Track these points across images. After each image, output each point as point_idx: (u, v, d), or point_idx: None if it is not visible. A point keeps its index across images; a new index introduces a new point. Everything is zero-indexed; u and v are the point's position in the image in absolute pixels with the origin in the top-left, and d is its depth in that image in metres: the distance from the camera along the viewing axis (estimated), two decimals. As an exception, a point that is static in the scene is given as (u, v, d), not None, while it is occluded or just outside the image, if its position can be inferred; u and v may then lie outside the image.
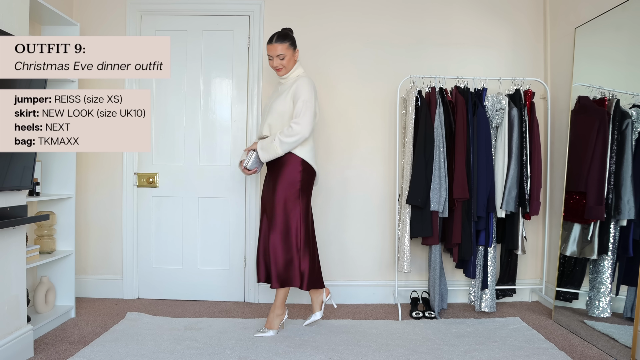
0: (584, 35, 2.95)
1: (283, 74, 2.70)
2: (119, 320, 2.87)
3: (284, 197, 2.61)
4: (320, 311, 2.73)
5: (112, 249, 3.42)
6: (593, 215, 2.72)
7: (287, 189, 2.61)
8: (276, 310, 2.66)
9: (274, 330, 2.65)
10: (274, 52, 2.64)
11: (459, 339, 2.61)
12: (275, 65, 2.67)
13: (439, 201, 2.94)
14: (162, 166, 3.41)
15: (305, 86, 2.62)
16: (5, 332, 2.20)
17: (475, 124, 3.00)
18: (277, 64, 2.65)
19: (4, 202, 2.16)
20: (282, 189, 2.61)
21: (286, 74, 2.70)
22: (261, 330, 2.66)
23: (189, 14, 3.39)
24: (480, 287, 3.08)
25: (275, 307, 2.66)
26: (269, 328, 2.65)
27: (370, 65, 3.40)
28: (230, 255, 3.41)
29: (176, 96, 3.41)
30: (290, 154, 2.62)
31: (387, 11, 3.41)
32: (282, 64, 2.65)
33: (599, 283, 2.70)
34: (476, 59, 3.43)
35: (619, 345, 2.43)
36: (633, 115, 2.56)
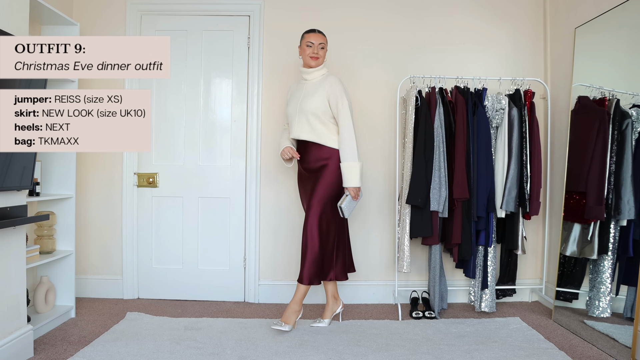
0: (584, 35, 2.95)
1: (317, 64, 2.74)
2: (119, 320, 2.87)
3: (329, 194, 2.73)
4: (329, 319, 2.84)
5: (112, 249, 3.42)
6: (593, 215, 2.72)
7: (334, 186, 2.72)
8: (295, 306, 2.70)
9: (290, 326, 2.68)
10: (317, 40, 2.72)
11: (459, 339, 2.61)
12: (314, 52, 2.72)
13: (438, 201, 2.94)
14: (162, 166, 3.41)
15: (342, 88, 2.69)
16: (5, 332, 2.20)
17: (475, 124, 3.00)
18: (316, 51, 2.72)
19: (4, 202, 2.16)
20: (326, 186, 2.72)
21: (318, 65, 2.75)
22: (277, 324, 2.67)
23: (189, 14, 3.40)
24: (480, 287, 3.08)
25: (294, 302, 2.70)
26: (286, 322, 2.68)
27: (370, 65, 3.41)
28: (230, 255, 3.41)
29: (176, 96, 3.41)
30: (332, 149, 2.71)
31: (387, 12, 3.41)
32: (320, 54, 2.73)
33: (599, 283, 2.70)
34: (476, 59, 3.43)
35: (619, 345, 2.43)
36: (633, 115, 2.56)
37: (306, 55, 2.74)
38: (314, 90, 2.70)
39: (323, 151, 2.71)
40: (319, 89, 2.69)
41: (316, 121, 2.69)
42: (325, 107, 2.68)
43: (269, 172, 3.39)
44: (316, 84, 2.73)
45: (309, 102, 2.69)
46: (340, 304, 2.90)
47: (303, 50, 2.76)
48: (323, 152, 2.71)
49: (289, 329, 2.66)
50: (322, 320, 2.83)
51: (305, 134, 2.71)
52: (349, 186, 2.66)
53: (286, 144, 2.84)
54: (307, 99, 2.70)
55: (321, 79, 2.75)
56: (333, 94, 2.66)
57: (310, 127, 2.70)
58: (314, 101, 2.68)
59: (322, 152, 2.71)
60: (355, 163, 2.65)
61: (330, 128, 2.71)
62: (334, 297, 2.87)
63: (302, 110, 2.70)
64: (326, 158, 2.70)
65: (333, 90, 2.67)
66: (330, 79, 2.71)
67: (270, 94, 3.36)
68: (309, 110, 2.68)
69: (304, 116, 2.70)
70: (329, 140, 2.70)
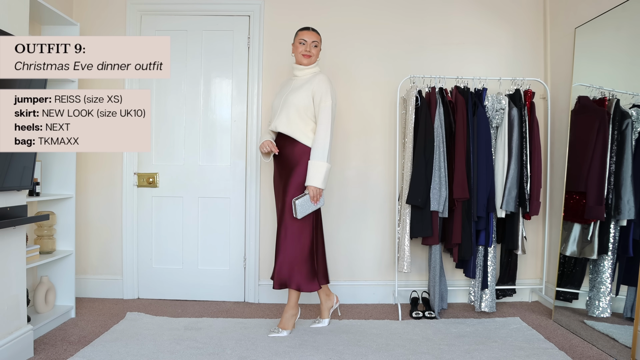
0: (584, 35, 2.95)
1: (309, 62, 2.72)
2: (119, 320, 2.87)
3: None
4: (328, 318, 2.84)
5: (112, 249, 3.42)
6: (593, 215, 2.72)
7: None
8: (291, 311, 2.70)
9: (288, 331, 2.67)
10: (310, 38, 2.71)
11: (459, 339, 2.61)
12: (307, 50, 2.70)
13: (439, 201, 2.94)
14: (162, 166, 3.41)
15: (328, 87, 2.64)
16: (5, 332, 2.20)
17: (475, 124, 3.00)
18: (309, 49, 2.70)
19: (4, 202, 2.16)
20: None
21: (310, 64, 2.73)
22: (275, 331, 2.67)
23: (189, 14, 3.39)
24: (480, 287, 3.08)
25: (289, 307, 2.70)
26: (283, 328, 2.67)
27: (370, 65, 3.40)
28: (230, 255, 3.41)
29: (176, 96, 3.41)
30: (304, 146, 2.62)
31: (387, 12, 3.41)
32: (313, 52, 2.72)
33: (599, 283, 2.70)
34: (476, 59, 3.43)
35: (619, 345, 2.43)
36: (633, 115, 2.56)
37: (298, 52, 2.71)
38: (301, 86, 2.68)
39: (296, 147, 2.63)
40: (306, 85, 2.66)
41: (296, 115, 2.63)
42: (308, 103, 2.62)
43: (269, 172, 3.39)
44: (305, 80, 2.71)
45: (293, 95, 2.65)
46: (334, 298, 2.89)
47: (296, 48, 2.74)
48: (296, 148, 2.63)
49: (287, 334, 2.65)
50: (322, 320, 2.83)
51: (282, 127, 2.64)
52: (310, 184, 2.54)
53: (266, 137, 2.77)
54: (293, 93, 2.67)
55: (311, 76, 2.72)
56: (319, 90, 2.62)
57: (288, 119, 2.64)
58: (298, 95, 2.64)
59: (296, 148, 2.63)
60: (323, 163, 2.55)
61: (308, 125, 2.64)
62: (326, 294, 2.86)
63: (286, 103, 2.66)
64: (298, 155, 2.62)
65: (319, 87, 2.63)
66: (319, 76, 2.67)
67: (270, 94, 3.36)
68: (292, 104, 2.63)
69: (286, 109, 2.65)
70: (304, 137, 2.62)
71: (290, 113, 2.64)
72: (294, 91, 2.68)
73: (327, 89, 2.63)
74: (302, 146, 2.62)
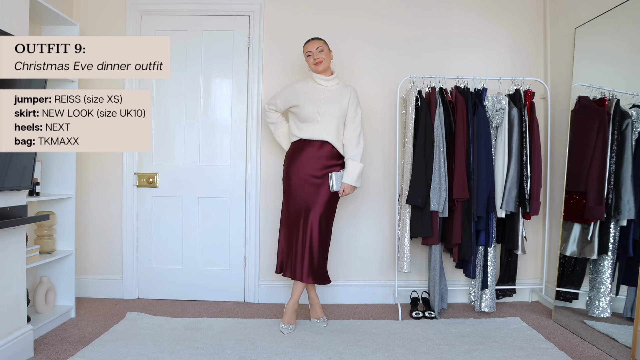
0: (584, 35, 2.95)
1: (322, 68, 2.84)
2: (119, 320, 2.87)
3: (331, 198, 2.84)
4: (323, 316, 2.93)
5: (112, 249, 3.42)
6: (593, 215, 2.72)
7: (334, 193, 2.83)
8: (296, 305, 2.82)
9: (295, 325, 2.78)
10: (313, 46, 2.83)
11: (459, 339, 2.61)
12: (315, 58, 2.82)
13: (439, 201, 2.94)
14: (162, 166, 3.41)
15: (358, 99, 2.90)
16: (5, 332, 2.20)
17: (475, 124, 3.00)
18: (317, 56, 2.82)
19: (4, 202, 2.16)
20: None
21: (325, 68, 2.85)
22: (285, 327, 2.74)
23: (189, 14, 3.39)
24: (480, 287, 3.08)
25: (295, 302, 2.81)
26: (291, 324, 2.76)
27: (370, 65, 3.41)
28: (230, 255, 3.41)
29: (176, 96, 3.41)
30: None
31: (387, 11, 3.42)
32: (321, 56, 2.82)
33: (599, 283, 2.70)
34: (476, 59, 3.43)
35: (619, 345, 2.43)
36: (633, 115, 2.56)
37: (310, 64, 2.86)
38: (333, 98, 2.83)
39: (334, 153, 2.82)
40: (339, 97, 2.83)
41: (338, 126, 2.82)
42: (343, 114, 2.83)
43: (269, 172, 3.39)
44: (334, 92, 2.86)
45: (332, 108, 2.80)
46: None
47: (307, 61, 2.89)
48: (334, 154, 2.82)
49: (294, 328, 2.76)
50: (325, 319, 2.88)
51: (329, 137, 2.80)
52: (348, 182, 2.77)
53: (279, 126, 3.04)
54: (329, 105, 2.81)
55: (339, 87, 2.89)
56: (352, 103, 2.85)
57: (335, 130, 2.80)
58: (335, 107, 2.80)
59: (334, 154, 2.82)
60: (361, 165, 2.81)
61: (341, 134, 2.85)
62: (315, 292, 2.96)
63: (325, 115, 2.79)
64: (337, 160, 2.82)
65: (352, 101, 2.85)
66: (349, 89, 2.88)
67: (270, 94, 3.35)
68: (333, 116, 2.80)
69: (328, 120, 2.79)
70: (340, 144, 2.84)
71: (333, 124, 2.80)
72: (328, 102, 2.82)
73: (358, 101, 2.88)
74: (337, 152, 2.83)
